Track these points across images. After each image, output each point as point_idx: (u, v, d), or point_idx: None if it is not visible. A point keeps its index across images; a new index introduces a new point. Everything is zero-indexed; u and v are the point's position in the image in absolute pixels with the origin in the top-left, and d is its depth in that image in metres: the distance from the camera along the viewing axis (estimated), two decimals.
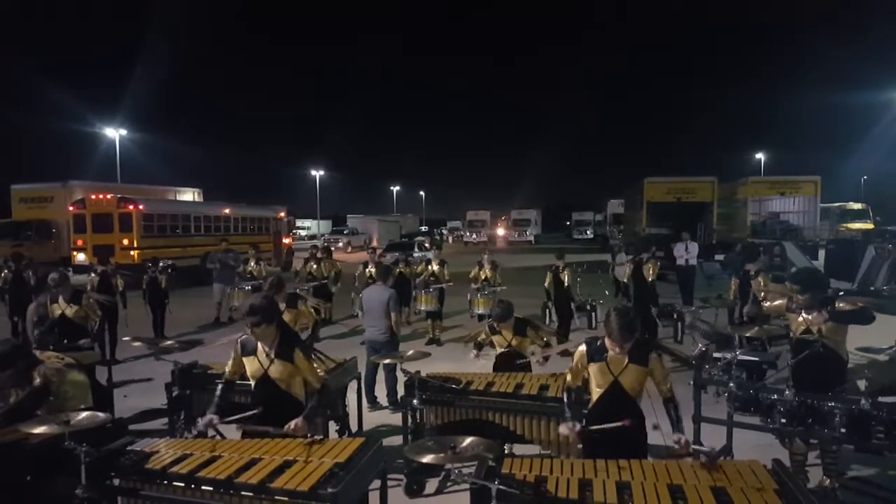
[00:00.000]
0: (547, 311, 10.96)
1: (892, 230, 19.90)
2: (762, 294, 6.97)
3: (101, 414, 3.29)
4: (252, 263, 12.40)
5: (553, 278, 10.14)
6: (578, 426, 3.50)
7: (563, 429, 3.55)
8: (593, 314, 11.04)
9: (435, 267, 11.29)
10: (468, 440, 2.95)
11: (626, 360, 3.42)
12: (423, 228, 57.49)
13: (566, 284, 10.03)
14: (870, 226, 26.80)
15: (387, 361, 5.78)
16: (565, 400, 3.73)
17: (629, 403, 3.47)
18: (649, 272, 9.73)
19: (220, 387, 3.84)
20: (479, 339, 5.58)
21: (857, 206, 30.65)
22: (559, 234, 63.62)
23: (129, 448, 3.32)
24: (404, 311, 10.82)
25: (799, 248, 16.94)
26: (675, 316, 9.92)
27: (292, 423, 3.52)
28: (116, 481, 3.10)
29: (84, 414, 3.20)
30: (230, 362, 3.86)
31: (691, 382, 5.05)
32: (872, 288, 12.47)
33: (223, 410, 3.75)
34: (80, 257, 18.51)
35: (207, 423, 3.67)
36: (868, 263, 13.16)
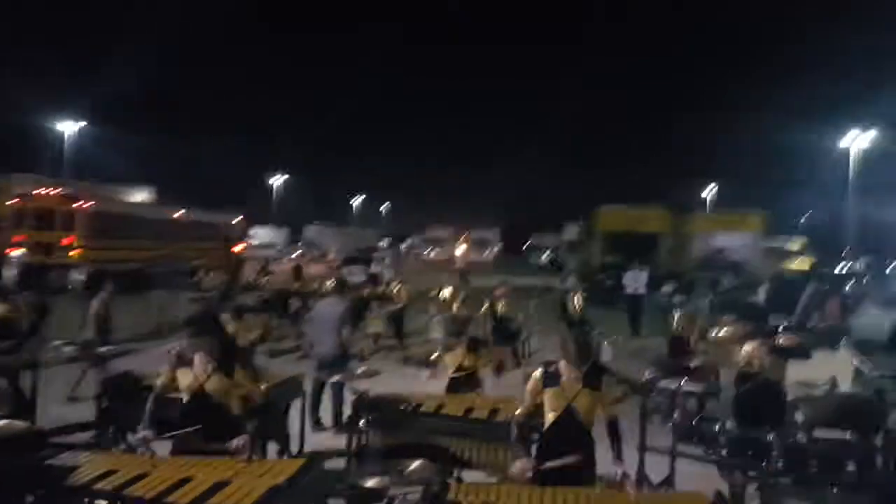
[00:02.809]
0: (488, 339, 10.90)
1: (829, 272, 20.91)
2: (681, 328, 7.25)
3: (19, 423, 3.07)
4: (201, 274, 12.07)
5: (489, 307, 10.19)
6: (532, 464, 3.43)
7: (517, 468, 3.46)
8: (526, 343, 10.78)
9: (394, 288, 11.20)
10: (414, 464, 2.90)
11: (580, 385, 3.42)
12: (382, 244, 57.11)
13: (499, 315, 10.08)
14: (811, 261, 27.93)
15: (334, 379, 5.64)
16: (513, 435, 3.69)
17: (581, 430, 3.47)
18: (574, 303, 10.32)
19: (150, 400, 3.67)
20: (431, 358, 5.52)
21: (799, 243, 32.02)
22: (519, 254, 63.86)
23: (48, 462, 3.10)
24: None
25: (739, 283, 17.53)
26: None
27: (235, 442, 3.40)
28: (31, 497, 2.88)
29: (1, 423, 2.98)
30: (162, 375, 3.72)
31: (638, 409, 5.08)
32: (811, 325, 12.96)
33: (156, 425, 3.57)
34: (16, 254, 17.62)
35: (142, 441, 3.50)
36: (807, 299, 13.70)
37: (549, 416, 3.54)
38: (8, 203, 18.43)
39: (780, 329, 7.85)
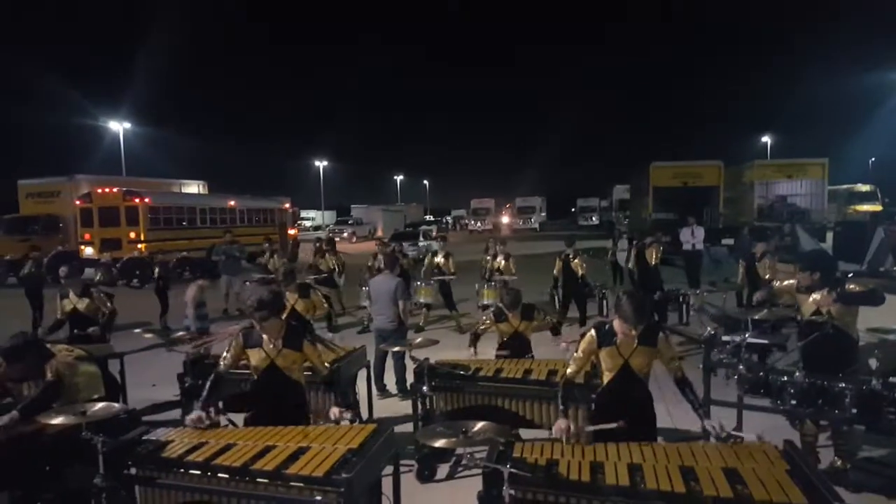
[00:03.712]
0: (554, 298, 10.92)
1: None
2: (767, 276, 6.94)
3: (116, 405, 3.35)
4: (266, 256, 12.41)
5: (563, 266, 10.12)
6: (573, 426, 3.46)
7: (557, 428, 3.47)
8: (604, 302, 10.94)
9: (440, 259, 11.28)
10: (479, 425, 2.99)
11: (636, 343, 3.42)
12: (428, 217, 57.44)
13: (579, 273, 9.98)
14: (878, 207, 26.59)
15: (395, 349, 5.81)
16: (561, 393, 3.65)
17: (639, 384, 3.49)
18: (652, 256, 9.82)
19: (210, 380, 3.76)
20: (479, 329, 5.57)
21: (865, 187, 30.36)
22: (564, 220, 63.32)
23: (144, 438, 3.37)
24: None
25: (807, 231, 16.84)
26: (680, 300, 9.91)
27: (335, 411, 3.75)
28: (133, 470, 3.14)
29: (100, 405, 3.25)
30: (228, 354, 3.85)
31: (701, 365, 5.06)
32: (882, 269, 12.43)
33: (222, 401, 3.78)
34: (88, 251, 18.60)
35: (195, 421, 3.51)
36: (877, 245, 13.12)
37: (606, 375, 3.55)
38: (75, 204, 19.45)
39: (850, 275, 7.54)
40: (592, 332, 3.60)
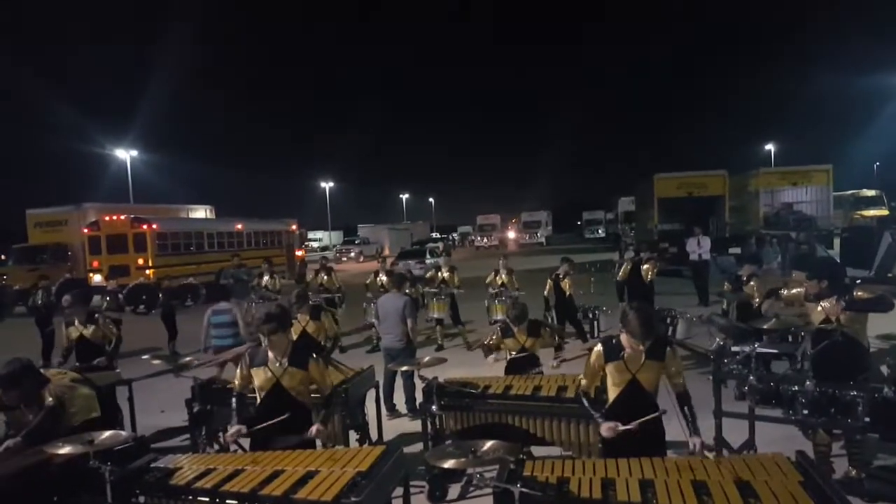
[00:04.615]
0: (549, 319, 10.79)
1: None
2: (756, 300, 6.88)
3: (123, 432, 3.33)
4: (266, 277, 12.44)
5: (553, 286, 10.02)
6: (621, 425, 3.36)
7: (606, 430, 3.40)
8: (595, 322, 10.50)
9: (445, 273, 11.28)
10: (489, 444, 2.95)
11: (644, 357, 3.39)
12: (435, 235, 57.53)
13: (567, 293, 9.87)
14: (885, 212, 26.39)
15: (404, 369, 5.78)
16: (586, 403, 3.62)
17: (647, 399, 3.45)
18: (648, 273, 9.74)
19: (233, 399, 3.90)
20: (488, 342, 5.55)
21: (871, 192, 30.17)
22: (571, 233, 63.35)
23: (152, 465, 3.36)
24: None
25: (814, 238, 16.75)
26: (668, 320, 9.68)
27: (313, 429, 3.67)
28: (142, 499, 3.13)
29: (107, 433, 3.24)
30: (237, 375, 3.91)
31: (710, 377, 5.02)
32: (890, 275, 12.31)
33: (245, 421, 3.79)
34: (97, 279, 18.71)
35: (235, 435, 3.70)
36: (884, 250, 13.00)
37: (613, 391, 3.52)
38: (83, 232, 19.60)
39: (859, 282, 7.46)
40: (599, 346, 3.59)
